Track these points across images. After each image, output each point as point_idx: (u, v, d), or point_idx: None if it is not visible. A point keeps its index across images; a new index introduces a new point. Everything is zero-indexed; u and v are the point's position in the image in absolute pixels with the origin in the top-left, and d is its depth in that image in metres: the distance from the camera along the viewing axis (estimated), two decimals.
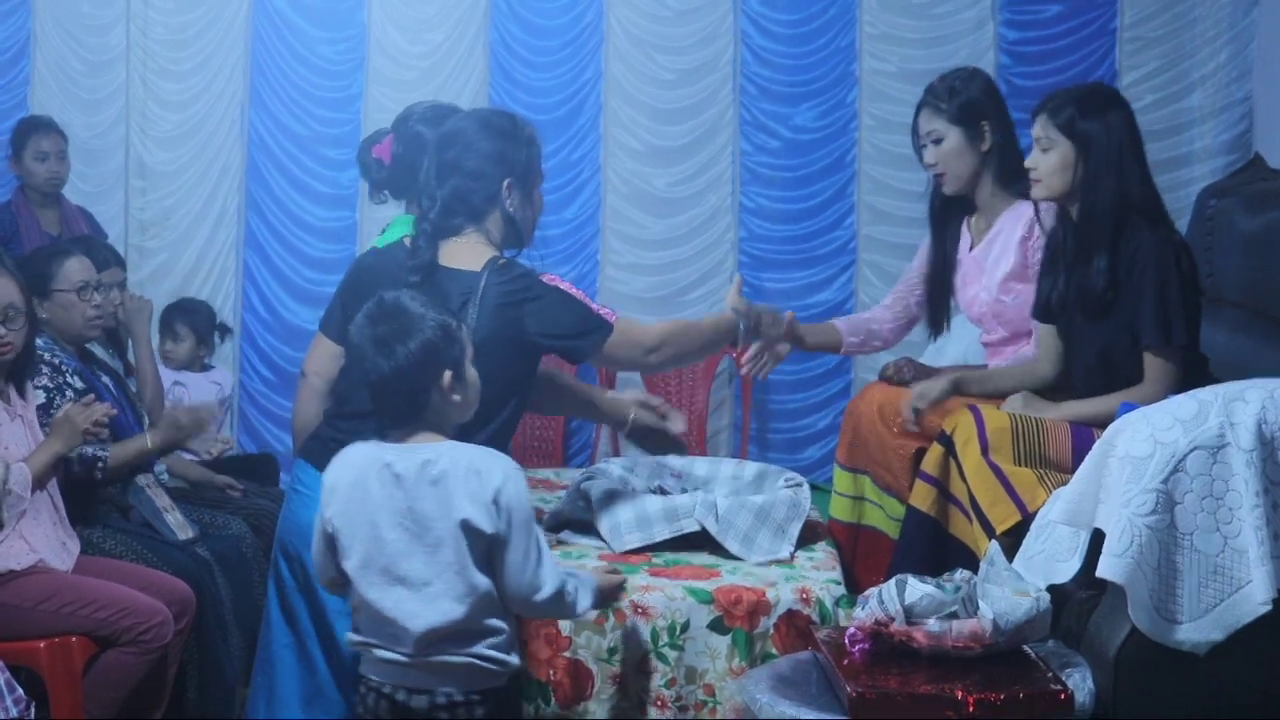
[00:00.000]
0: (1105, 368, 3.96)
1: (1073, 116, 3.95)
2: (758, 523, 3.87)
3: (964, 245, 4.47)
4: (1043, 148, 3.98)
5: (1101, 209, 3.90)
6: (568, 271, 7.03)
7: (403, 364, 3.04)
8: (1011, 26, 6.97)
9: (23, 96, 7.09)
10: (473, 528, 2.99)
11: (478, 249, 3.56)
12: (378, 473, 3.04)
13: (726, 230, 7.05)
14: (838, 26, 7.01)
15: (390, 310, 3.09)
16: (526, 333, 3.44)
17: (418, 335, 3.05)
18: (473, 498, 3.00)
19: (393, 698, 3.05)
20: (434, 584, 3.01)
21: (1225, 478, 3.24)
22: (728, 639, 3.56)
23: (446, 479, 3.01)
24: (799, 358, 7.00)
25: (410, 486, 3.02)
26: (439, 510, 3.00)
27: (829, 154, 7.03)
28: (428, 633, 3.00)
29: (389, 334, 3.06)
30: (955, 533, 3.92)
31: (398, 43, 7.07)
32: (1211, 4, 6.86)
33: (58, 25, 7.07)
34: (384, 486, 3.03)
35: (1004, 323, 4.36)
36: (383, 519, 3.03)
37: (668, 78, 7.04)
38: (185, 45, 7.09)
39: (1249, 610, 3.20)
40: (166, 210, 7.12)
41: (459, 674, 3.04)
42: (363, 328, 3.10)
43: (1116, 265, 3.89)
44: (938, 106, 4.36)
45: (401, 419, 3.11)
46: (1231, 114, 6.82)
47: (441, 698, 3.03)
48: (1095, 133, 3.92)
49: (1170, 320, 3.84)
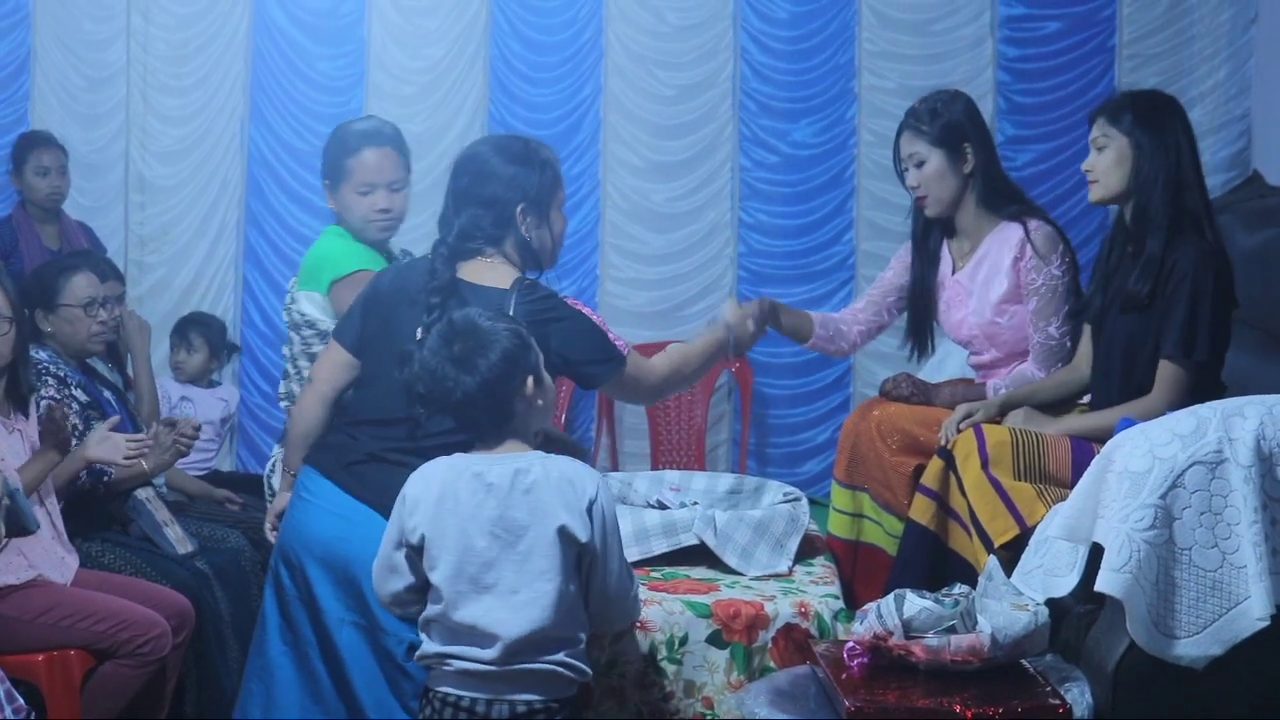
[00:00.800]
0: (1126, 369, 3.96)
1: (1129, 115, 3.97)
2: (756, 537, 3.87)
3: (945, 268, 4.45)
4: (1098, 147, 4.00)
5: (1155, 207, 3.91)
6: (567, 286, 7.03)
7: (487, 377, 3.12)
8: (1011, 44, 6.98)
9: (23, 111, 7.10)
10: (569, 535, 3.07)
11: (501, 269, 3.57)
12: (468, 483, 3.10)
13: (726, 245, 7.06)
14: (837, 43, 7.02)
15: (463, 328, 3.17)
16: (549, 352, 3.46)
17: (496, 347, 3.14)
18: (568, 507, 3.08)
19: (471, 709, 3.09)
20: (522, 592, 3.07)
21: (1224, 493, 3.24)
22: (726, 653, 3.56)
23: (540, 488, 3.09)
24: (799, 372, 7.02)
25: (503, 495, 3.08)
26: (532, 519, 3.08)
27: (828, 170, 7.04)
28: (515, 641, 3.05)
29: (467, 350, 3.14)
30: (955, 547, 3.92)
31: (397, 58, 7.08)
32: (1210, 21, 6.88)
33: (58, 41, 7.09)
34: (474, 495, 3.09)
35: (998, 344, 4.35)
36: (474, 528, 3.08)
37: (667, 93, 7.05)
38: (185, 61, 7.10)
39: (1247, 625, 3.20)
40: (166, 225, 7.13)
41: (540, 682, 3.10)
42: (438, 350, 3.17)
43: (1162, 266, 3.90)
44: (919, 129, 4.36)
45: (490, 431, 3.19)
46: (1230, 131, 6.83)
47: (522, 707, 3.08)
48: (1151, 131, 3.94)
49: (1195, 334, 3.84)
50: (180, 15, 7.08)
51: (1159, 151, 3.93)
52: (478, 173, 3.61)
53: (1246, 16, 6.81)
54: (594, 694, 3.55)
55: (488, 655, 3.06)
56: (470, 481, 3.10)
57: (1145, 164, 3.93)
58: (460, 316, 3.21)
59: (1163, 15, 6.90)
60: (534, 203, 3.61)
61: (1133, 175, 3.95)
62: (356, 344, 3.62)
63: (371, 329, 3.59)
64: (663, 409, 6.93)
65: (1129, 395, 3.94)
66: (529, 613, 3.06)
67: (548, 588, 3.07)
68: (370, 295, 3.68)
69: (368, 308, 3.65)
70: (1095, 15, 6.95)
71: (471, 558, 3.08)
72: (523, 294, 3.50)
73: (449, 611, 3.09)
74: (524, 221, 3.59)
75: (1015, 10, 6.97)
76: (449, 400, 3.18)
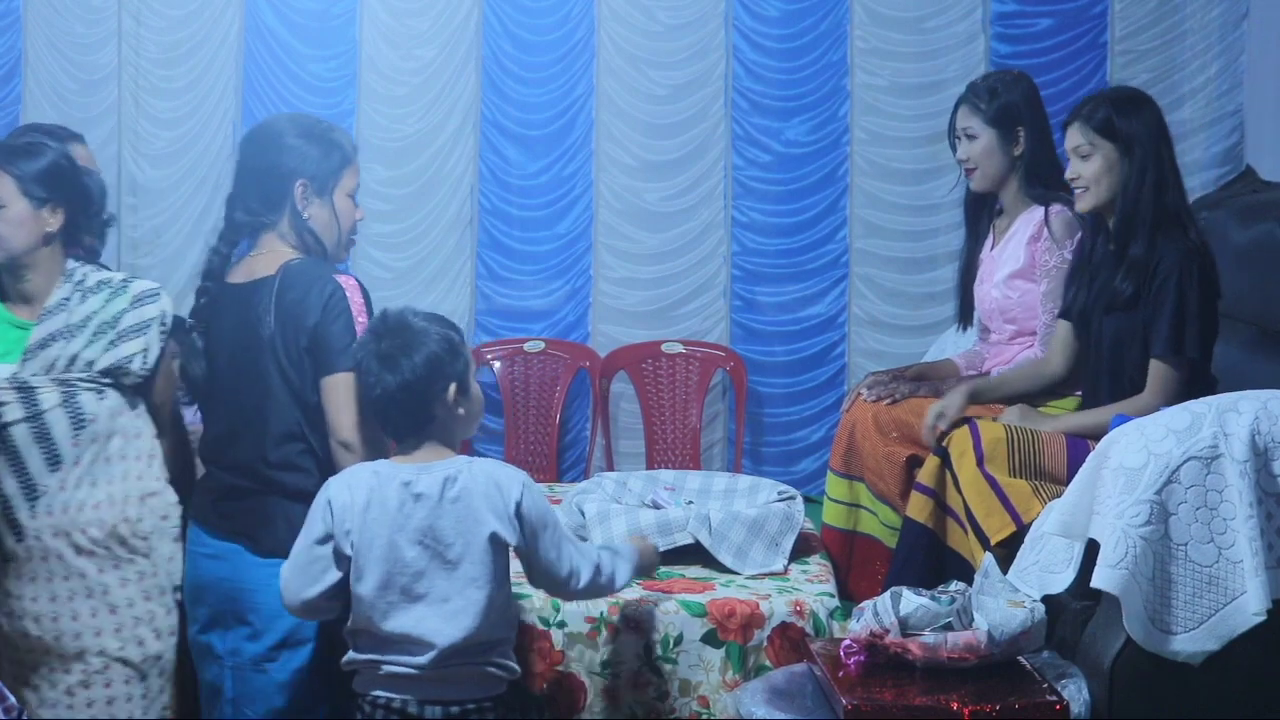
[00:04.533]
0: (1114, 368, 3.96)
1: (1109, 117, 3.96)
2: (751, 536, 3.86)
3: (987, 244, 4.53)
4: (1082, 155, 3.98)
5: (1143, 208, 3.91)
6: (561, 286, 7.03)
7: (409, 378, 3.09)
8: (1003, 40, 6.97)
9: (14, 115, 7.07)
10: (499, 540, 3.07)
11: (272, 256, 3.46)
12: (395, 491, 3.07)
13: (719, 244, 7.05)
14: (829, 41, 7.01)
15: (394, 326, 3.14)
16: (301, 331, 3.35)
17: (423, 349, 3.10)
18: (495, 512, 3.07)
19: (404, 711, 3.09)
20: (453, 600, 3.06)
21: (1219, 488, 3.25)
22: (721, 652, 3.56)
23: (467, 495, 3.07)
24: (794, 370, 7.01)
25: (432, 505, 3.06)
26: (461, 527, 3.06)
27: (821, 168, 7.02)
28: (448, 648, 3.05)
29: (393, 349, 3.10)
30: (952, 544, 3.93)
31: (389, 59, 7.07)
32: (1201, 17, 6.87)
33: (49, 44, 7.07)
34: (403, 505, 3.06)
35: (1009, 319, 4.41)
36: (402, 538, 3.06)
37: (659, 93, 7.04)
38: (177, 63, 7.08)
39: (1243, 621, 3.20)
40: (159, 228, 7.11)
41: (472, 682, 3.10)
42: (367, 344, 3.15)
43: (1146, 266, 3.90)
44: (976, 105, 4.43)
45: (407, 433, 3.15)
46: (1222, 126, 6.82)
47: (455, 707, 3.09)
48: (1135, 130, 3.93)
49: (1184, 333, 3.84)
50: (171, 18, 7.06)
51: (1144, 149, 3.93)
52: (262, 144, 3.51)
53: (1238, 12, 6.81)
54: (587, 694, 3.55)
55: (420, 661, 3.06)
56: (398, 491, 3.08)
57: (1132, 165, 3.93)
58: (393, 313, 3.17)
59: (1154, 11, 6.89)
60: (315, 179, 3.46)
61: (1123, 180, 3.94)
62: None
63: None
64: (657, 408, 6.92)
65: (1119, 395, 3.94)
66: (461, 620, 3.06)
67: (479, 595, 3.07)
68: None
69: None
70: (1086, 11, 6.94)
71: (401, 569, 3.06)
72: (287, 273, 3.36)
73: (379, 622, 3.08)
74: (303, 199, 3.46)
75: (1007, 7, 6.96)
76: (368, 396, 3.16)
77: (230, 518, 3.36)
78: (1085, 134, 3.99)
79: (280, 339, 3.28)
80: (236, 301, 3.37)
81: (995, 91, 4.41)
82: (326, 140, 3.48)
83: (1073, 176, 4.03)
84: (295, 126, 3.49)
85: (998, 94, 4.41)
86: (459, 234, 7.05)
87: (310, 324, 3.27)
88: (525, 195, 7.06)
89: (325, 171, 3.46)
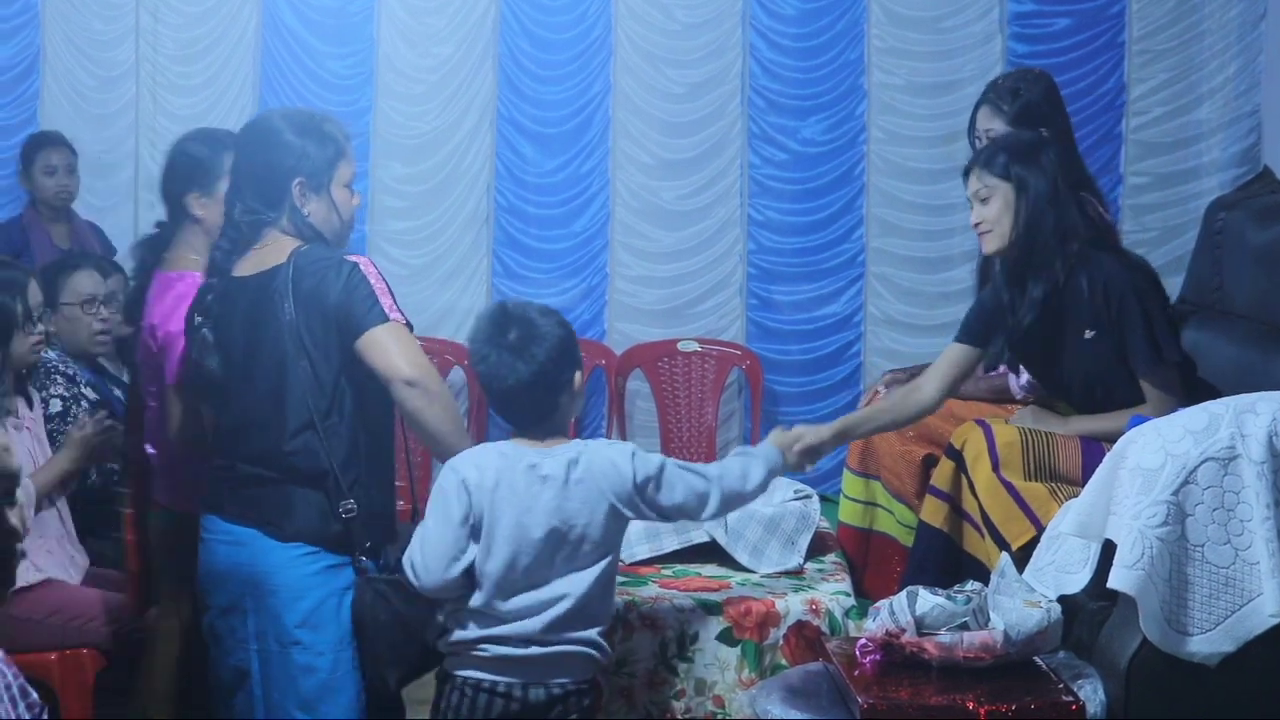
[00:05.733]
0: (1101, 391, 3.94)
1: (1006, 161, 3.88)
2: (767, 534, 3.86)
3: None
4: (981, 198, 3.90)
5: (1042, 242, 3.85)
6: (577, 284, 7.05)
7: (543, 365, 3.17)
8: (1020, 40, 6.97)
9: (32, 111, 7.11)
10: (620, 515, 3.19)
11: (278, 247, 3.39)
12: (523, 474, 3.16)
13: (735, 243, 7.05)
14: (846, 40, 7.01)
15: (518, 316, 3.22)
16: (327, 306, 3.31)
17: (552, 336, 3.20)
18: (616, 490, 3.17)
19: (508, 693, 3.16)
20: (573, 576, 3.16)
21: (1236, 489, 3.24)
22: (737, 650, 3.56)
23: (591, 477, 3.16)
24: (809, 369, 7.02)
25: (558, 488, 3.15)
26: (585, 508, 3.15)
27: (837, 167, 7.03)
28: (559, 617, 3.14)
29: (523, 339, 3.19)
30: (968, 548, 3.91)
31: (406, 57, 7.08)
32: (1220, 17, 6.86)
33: (67, 41, 7.09)
34: (530, 487, 3.15)
35: None
36: (530, 520, 3.14)
37: (676, 91, 7.05)
38: (195, 60, 7.11)
39: (1260, 622, 3.19)
40: None
41: (574, 664, 3.19)
42: (492, 337, 3.21)
43: (1061, 297, 3.85)
44: (998, 106, 4.35)
45: (537, 421, 3.24)
46: (1240, 127, 6.82)
47: (557, 689, 3.17)
48: (1030, 171, 3.86)
49: (1159, 343, 3.83)
50: (189, 14, 7.09)
51: (1039, 187, 3.84)
52: (256, 142, 3.45)
53: (1256, 12, 6.80)
54: (604, 692, 3.55)
55: (526, 640, 3.14)
56: (525, 473, 3.16)
57: (1028, 202, 3.85)
58: (512, 305, 3.26)
59: (1172, 11, 6.89)
60: (312, 176, 3.40)
61: (1023, 218, 3.86)
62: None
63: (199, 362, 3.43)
64: (673, 406, 6.93)
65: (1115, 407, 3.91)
66: (576, 589, 3.15)
67: (596, 568, 3.18)
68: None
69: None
70: (1104, 11, 6.94)
71: (527, 548, 3.13)
72: (300, 259, 3.31)
73: (500, 600, 3.15)
74: (301, 196, 3.40)
75: (1025, 6, 6.96)
76: (496, 386, 3.21)
77: (251, 505, 3.35)
78: (982, 178, 3.90)
79: (303, 322, 3.28)
80: (248, 293, 3.37)
81: (1017, 91, 4.33)
82: (319, 134, 3.43)
83: (976, 222, 3.92)
84: (289, 124, 3.44)
85: (1019, 93, 4.33)
86: (475, 231, 7.06)
87: (332, 303, 3.26)
88: (541, 193, 7.07)
89: (320, 167, 3.42)
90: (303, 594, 3.29)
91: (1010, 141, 4.02)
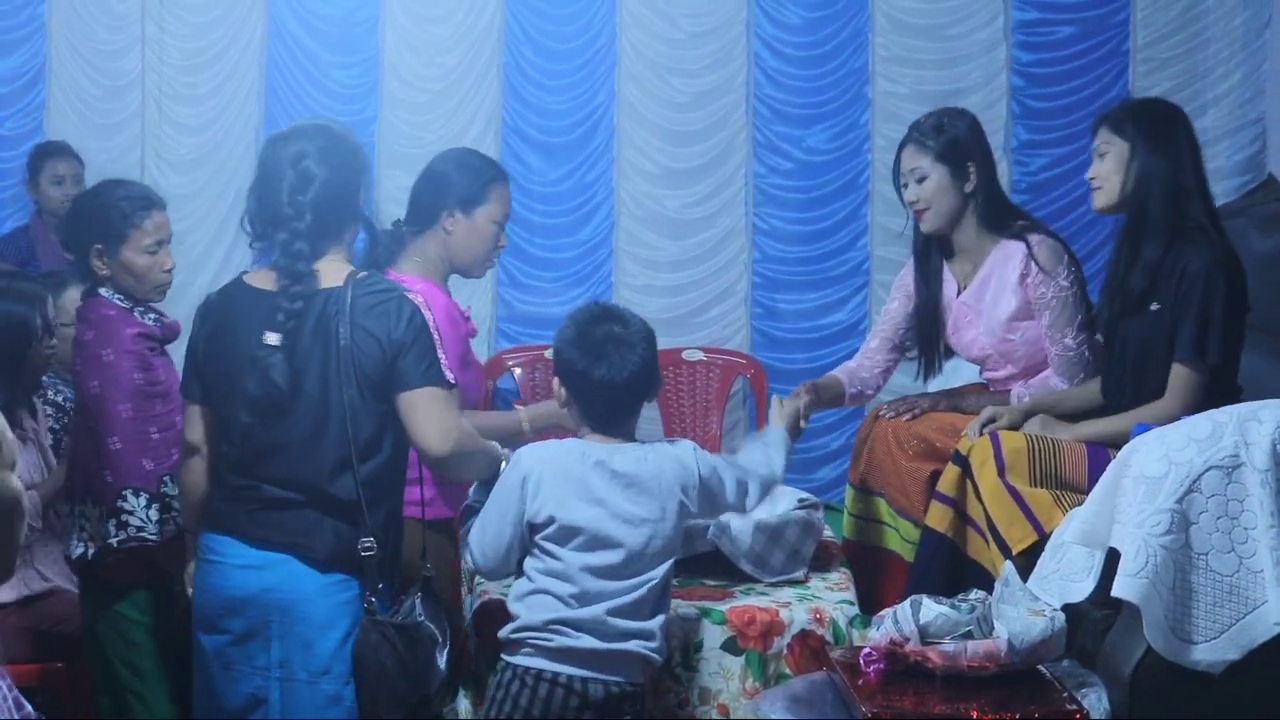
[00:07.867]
0: (1137, 376, 3.95)
1: (1129, 121, 4.00)
2: (771, 543, 3.86)
3: (949, 290, 4.42)
4: (1100, 154, 4.02)
5: (1154, 211, 3.91)
6: (582, 294, 7.04)
7: (651, 361, 3.29)
8: (1024, 48, 6.97)
9: (38, 122, 7.11)
10: (685, 510, 3.26)
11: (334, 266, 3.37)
12: (593, 469, 3.20)
13: (740, 252, 7.06)
14: (850, 49, 7.02)
15: (617, 314, 3.32)
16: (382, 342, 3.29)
17: (651, 335, 3.33)
18: (683, 486, 3.24)
19: (569, 685, 3.17)
20: (641, 565, 3.20)
21: (1240, 498, 3.24)
22: (741, 659, 3.56)
23: (660, 474, 3.23)
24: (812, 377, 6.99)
25: (628, 482, 3.20)
26: (655, 503, 3.21)
27: (842, 176, 7.03)
28: (626, 604, 3.18)
29: (627, 335, 3.28)
30: (972, 554, 3.92)
31: (412, 66, 7.09)
32: (1224, 25, 6.86)
33: (73, 51, 7.10)
34: (601, 482, 3.20)
35: (1013, 361, 4.33)
36: (604, 513, 3.18)
37: (681, 100, 7.05)
38: (200, 70, 7.11)
39: (1264, 630, 3.20)
40: (181, 234, 7.05)
41: (633, 664, 3.22)
42: (600, 325, 3.27)
43: (1162, 267, 3.89)
44: (923, 143, 4.30)
45: (629, 418, 3.33)
46: (1245, 135, 6.82)
47: (615, 688, 3.20)
48: (1151, 136, 3.95)
49: (1207, 337, 3.83)
50: (195, 24, 7.09)
51: (1158, 156, 3.93)
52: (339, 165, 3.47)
53: (1261, 20, 6.80)
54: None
55: (591, 633, 3.17)
56: (595, 469, 3.20)
57: (1143, 168, 3.93)
58: (610, 305, 3.38)
59: (1177, 19, 6.89)
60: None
61: (1132, 179, 3.95)
62: (205, 395, 3.39)
63: (210, 372, 3.37)
64: (678, 415, 6.92)
65: (1142, 401, 3.93)
66: (643, 584, 3.20)
67: (661, 560, 3.23)
68: (197, 339, 3.47)
69: (200, 352, 3.43)
70: (1109, 20, 6.94)
71: (602, 540, 3.18)
72: (358, 286, 3.27)
73: (566, 588, 3.19)
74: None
75: (1029, 15, 6.96)
76: (615, 380, 3.24)
77: (278, 529, 3.24)
78: (1105, 134, 4.01)
79: (359, 349, 3.21)
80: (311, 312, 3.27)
81: (941, 128, 4.29)
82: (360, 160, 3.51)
83: (1091, 175, 4.05)
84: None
85: (944, 129, 4.28)
86: None
87: (392, 339, 3.22)
88: (546, 202, 7.07)
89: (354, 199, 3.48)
90: (334, 622, 3.21)
91: (1144, 104, 4.18)
